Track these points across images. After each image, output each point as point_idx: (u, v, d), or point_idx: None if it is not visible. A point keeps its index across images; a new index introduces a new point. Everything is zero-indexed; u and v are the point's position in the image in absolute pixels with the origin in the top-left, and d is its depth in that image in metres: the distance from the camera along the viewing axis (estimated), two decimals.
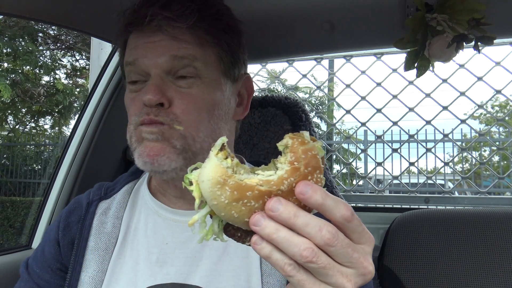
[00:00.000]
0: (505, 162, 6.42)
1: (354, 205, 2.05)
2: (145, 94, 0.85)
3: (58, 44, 9.44)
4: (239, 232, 0.54)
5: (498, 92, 2.27)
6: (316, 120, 7.43)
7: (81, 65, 10.06)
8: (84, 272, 0.91)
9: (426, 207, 2.09)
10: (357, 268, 0.51)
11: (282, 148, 0.53)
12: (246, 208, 0.50)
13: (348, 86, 2.50)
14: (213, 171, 0.50)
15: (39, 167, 8.88)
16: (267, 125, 1.42)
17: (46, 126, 10.21)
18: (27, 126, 10.09)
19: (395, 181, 3.35)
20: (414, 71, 1.25)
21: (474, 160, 4.84)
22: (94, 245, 0.94)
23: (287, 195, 0.50)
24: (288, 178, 0.50)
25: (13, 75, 8.35)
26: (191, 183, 0.53)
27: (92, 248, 0.94)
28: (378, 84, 2.44)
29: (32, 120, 9.95)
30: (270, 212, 0.50)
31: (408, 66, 1.25)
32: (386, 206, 2.30)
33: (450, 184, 5.16)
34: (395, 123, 2.54)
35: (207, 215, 0.53)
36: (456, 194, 3.39)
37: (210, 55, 0.90)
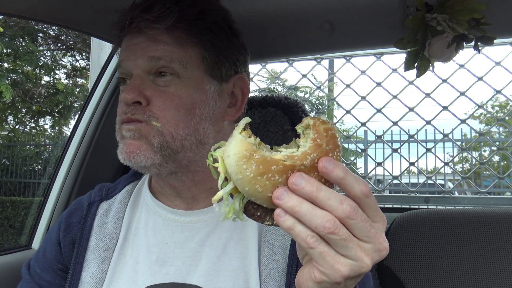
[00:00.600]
0: (505, 162, 6.42)
1: None
2: (123, 93, 0.89)
3: (59, 45, 9.44)
4: (259, 211, 0.55)
5: (498, 92, 2.27)
6: None
7: (81, 65, 10.06)
8: (85, 272, 0.92)
9: (426, 207, 2.09)
10: (374, 243, 0.53)
11: (301, 130, 0.56)
12: (270, 182, 0.52)
13: (348, 86, 2.50)
14: (239, 146, 0.52)
15: (39, 167, 8.88)
16: (267, 125, 1.41)
17: (46, 126, 10.22)
18: (27, 126, 10.09)
19: (395, 181, 3.35)
20: (414, 71, 1.25)
21: (474, 160, 4.84)
22: (95, 245, 0.95)
23: (309, 171, 0.53)
24: (311, 154, 0.53)
25: (14, 75, 8.34)
26: (215, 161, 0.54)
27: (93, 248, 0.94)
28: (378, 84, 2.44)
29: (32, 120, 9.95)
30: (294, 186, 0.52)
31: (408, 66, 1.25)
32: (386, 206, 2.29)
33: (450, 184, 5.16)
34: (395, 123, 2.53)
35: (229, 193, 0.54)
36: (456, 194, 3.39)
37: (191, 55, 0.91)
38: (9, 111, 9.36)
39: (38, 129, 10.16)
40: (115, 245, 0.94)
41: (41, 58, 8.96)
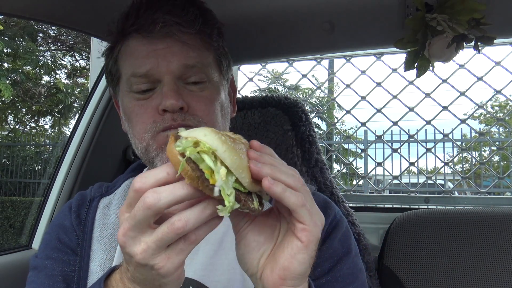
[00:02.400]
0: (505, 162, 6.42)
1: (354, 205, 2.05)
2: (164, 99, 0.85)
3: (59, 44, 9.44)
4: (243, 196, 0.57)
5: (498, 92, 2.27)
6: (316, 120, 7.44)
7: (81, 65, 10.06)
8: (93, 262, 0.93)
9: (426, 207, 2.09)
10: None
11: None
12: (242, 154, 0.57)
13: (348, 86, 2.50)
14: (204, 129, 0.56)
15: (39, 167, 8.88)
16: (267, 125, 1.42)
17: (46, 126, 10.22)
18: (27, 126, 10.09)
19: (395, 181, 3.35)
20: (414, 71, 1.25)
21: (474, 160, 4.85)
22: (99, 235, 0.96)
23: None
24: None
25: (14, 75, 8.35)
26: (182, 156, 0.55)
27: (98, 238, 0.96)
28: (378, 84, 2.44)
29: (32, 120, 9.95)
30: (255, 155, 0.58)
31: (408, 66, 1.25)
32: (386, 206, 2.29)
33: (450, 184, 5.16)
34: (395, 123, 2.53)
35: (229, 180, 0.55)
36: (456, 194, 3.39)
37: (213, 59, 0.94)
38: (9, 111, 9.36)
39: (38, 129, 10.16)
40: None
41: (41, 57, 8.96)
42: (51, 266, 0.95)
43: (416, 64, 1.24)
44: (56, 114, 9.54)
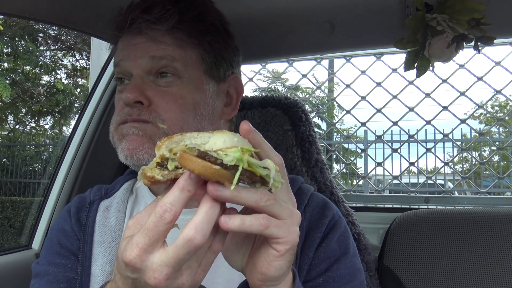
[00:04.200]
0: (505, 162, 6.42)
1: (354, 205, 2.05)
2: (124, 93, 0.89)
3: (59, 44, 9.44)
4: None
5: (498, 92, 2.27)
6: (316, 120, 7.44)
7: (81, 65, 10.06)
8: (94, 266, 0.93)
9: (426, 207, 2.08)
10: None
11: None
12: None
13: (348, 86, 2.50)
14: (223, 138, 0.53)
15: (39, 167, 8.89)
16: (267, 125, 1.41)
17: (46, 126, 10.22)
18: (27, 126, 10.09)
19: (395, 181, 3.36)
20: (414, 71, 1.25)
21: (474, 160, 4.84)
22: (100, 238, 0.95)
23: None
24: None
25: (13, 75, 8.35)
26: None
27: (98, 241, 0.95)
28: (378, 84, 2.44)
29: (32, 120, 9.95)
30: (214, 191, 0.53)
31: (408, 66, 1.25)
32: (386, 206, 2.29)
33: (450, 184, 5.16)
34: (395, 123, 2.53)
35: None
36: (456, 194, 3.39)
37: (191, 56, 0.93)
38: (9, 111, 9.36)
39: (38, 129, 10.16)
40: (119, 237, 0.95)
41: (41, 57, 8.96)
42: (53, 272, 0.95)
43: (416, 64, 1.24)
44: (56, 114, 9.53)
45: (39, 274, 0.97)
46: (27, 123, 10.05)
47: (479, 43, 1.16)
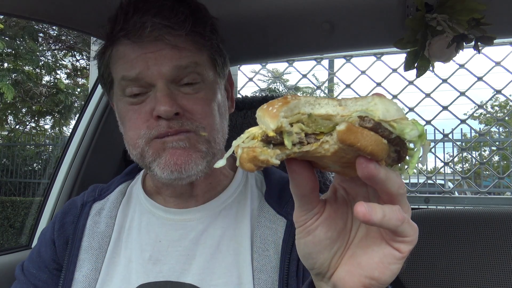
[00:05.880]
0: (505, 162, 6.42)
1: None
2: (158, 106, 0.83)
3: (59, 44, 9.44)
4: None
5: (498, 92, 2.27)
6: None
7: (82, 65, 10.06)
8: (78, 271, 0.93)
9: (426, 207, 2.09)
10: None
11: None
12: None
13: (348, 86, 2.50)
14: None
15: (39, 167, 8.88)
16: None
17: (46, 126, 10.22)
18: (27, 126, 10.09)
19: None
20: (414, 71, 1.25)
21: (474, 160, 4.84)
22: (88, 244, 0.95)
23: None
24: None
25: (15, 75, 8.35)
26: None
27: (86, 247, 0.95)
28: (378, 84, 2.44)
29: (33, 120, 9.95)
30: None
31: (408, 66, 1.25)
32: None
33: (450, 184, 5.15)
34: None
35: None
36: (456, 194, 3.39)
37: (207, 58, 0.92)
38: (9, 111, 9.36)
39: (38, 129, 10.16)
40: (108, 244, 0.95)
41: (42, 57, 8.96)
42: (23, 280, 0.98)
43: (416, 64, 1.23)
44: (56, 114, 9.53)
45: (17, 277, 1.01)
46: (27, 123, 10.04)
47: (479, 43, 1.16)
